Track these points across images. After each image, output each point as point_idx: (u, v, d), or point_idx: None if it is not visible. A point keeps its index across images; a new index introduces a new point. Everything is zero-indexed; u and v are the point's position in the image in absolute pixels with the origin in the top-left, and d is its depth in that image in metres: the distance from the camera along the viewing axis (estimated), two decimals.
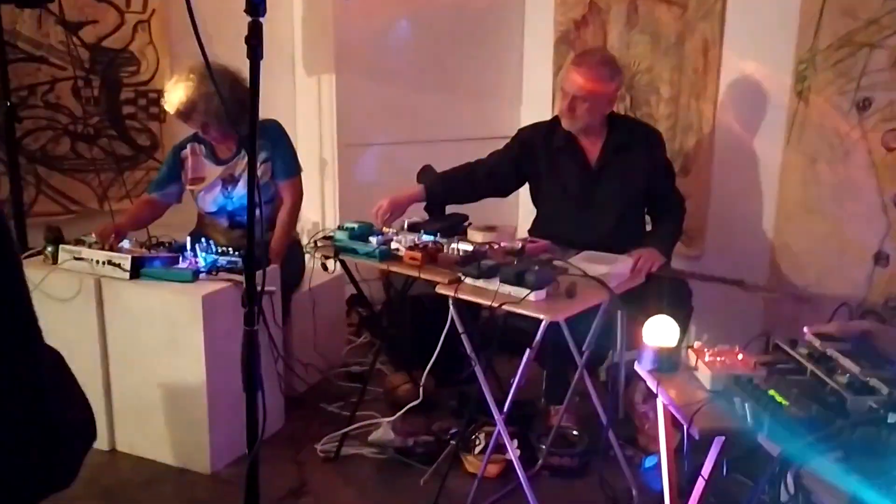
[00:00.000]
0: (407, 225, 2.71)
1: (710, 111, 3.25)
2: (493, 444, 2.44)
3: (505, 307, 2.14)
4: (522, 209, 3.61)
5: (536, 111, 3.81)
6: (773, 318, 3.03)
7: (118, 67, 3.54)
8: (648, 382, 1.91)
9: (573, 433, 2.80)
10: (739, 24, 3.12)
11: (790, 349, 1.87)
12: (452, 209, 2.89)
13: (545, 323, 2.11)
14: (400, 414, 2.77)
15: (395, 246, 2.52)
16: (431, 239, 2.56)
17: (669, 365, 1.94)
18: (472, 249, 2.45)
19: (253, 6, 1.50)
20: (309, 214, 3.89)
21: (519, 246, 2.52)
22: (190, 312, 2.50)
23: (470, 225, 2.78)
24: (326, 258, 2.65)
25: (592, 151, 2.87)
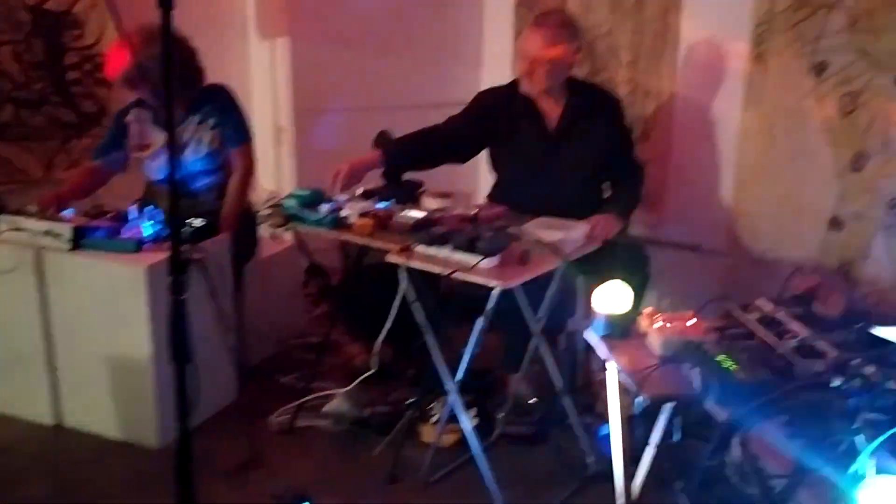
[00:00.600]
0: (361, 192, 2.65)
1: (669, 76, 3.21)
2: (445, 413, 2.41)
3: (456, 275, 2.10)
4: (484, 175, 3.56)
5: (496, 75, 3.73)
6: (730, 282, 3.03)
7: (62, 31, 3.41)
8: (598, 350, 1.89)
9: (530, 402, 2.78)
10: None
11: (742, 314, 1.86)
12: (411, 176, 2.83)
13: (497, 290, 2.08)
14: (355, 384, 2.73)
15: (345, 213, 2.46)
16: (384, 206, 2.50)
17: (621, 331, 1.92)
18: (424, 216, 2.40)
19: None
20: (264, 182, 3.80)
21: (474, 212, 2.47)
22: (133, 284, 2.43)
23: (425, 192, 2.73)
24: (275, 227, 2.58)
25: (552, 117, 2.83)
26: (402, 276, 2.23)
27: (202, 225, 2.55)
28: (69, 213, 2.67)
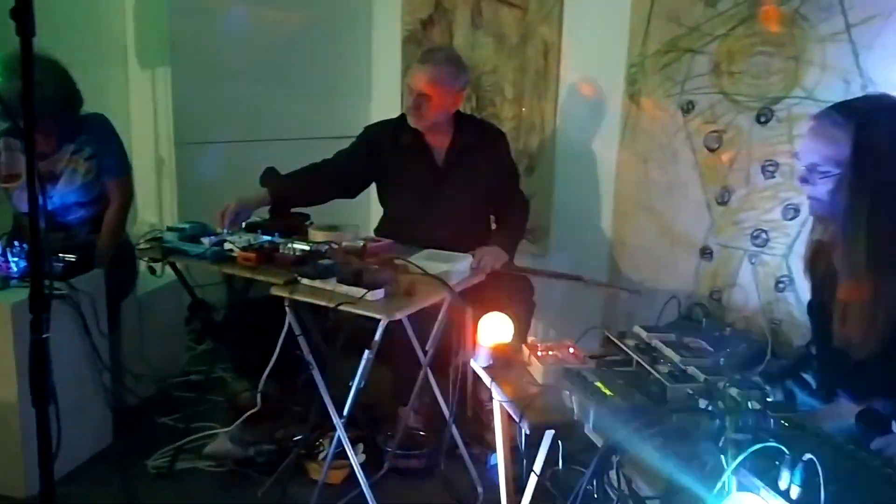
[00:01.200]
0: (245, 225, 2.59)
1: (551, 112, 3.33)
2: (332, 449, 2.37)
3: (343, 307, 2.08)
4: (374, 209, 3.56)
5: (385, 110, 3.76)
6: (611, 312, 3.14)
7: None
8: (484, 379, 1.91)
9: (421, 434, 2.77)
10: (576, 27, 3.21)
11: (619, 341, 1.92)
12: (298, 209, 2.80)
13: (383, 322, 2.08)
14: (238, 423, 2.64)
15: (228, 247, 2.40)
16: (268, 239, 2.46)
17: (504, 361, 1.95)
18: (309, 249, 2.37)
19: None
20: (146, 216, 3.67)
21: (360, 245, 2.46)
22: None
23: (311, 224, 2.71)
24: (153, 261, 2.48)
25: (439, 150, 2.87)
26: (287, 309, 2.18)
27: (74, 259, 2.43)
28: None
